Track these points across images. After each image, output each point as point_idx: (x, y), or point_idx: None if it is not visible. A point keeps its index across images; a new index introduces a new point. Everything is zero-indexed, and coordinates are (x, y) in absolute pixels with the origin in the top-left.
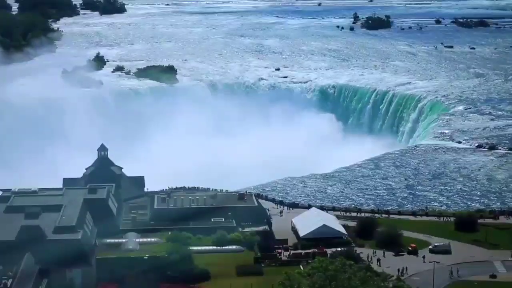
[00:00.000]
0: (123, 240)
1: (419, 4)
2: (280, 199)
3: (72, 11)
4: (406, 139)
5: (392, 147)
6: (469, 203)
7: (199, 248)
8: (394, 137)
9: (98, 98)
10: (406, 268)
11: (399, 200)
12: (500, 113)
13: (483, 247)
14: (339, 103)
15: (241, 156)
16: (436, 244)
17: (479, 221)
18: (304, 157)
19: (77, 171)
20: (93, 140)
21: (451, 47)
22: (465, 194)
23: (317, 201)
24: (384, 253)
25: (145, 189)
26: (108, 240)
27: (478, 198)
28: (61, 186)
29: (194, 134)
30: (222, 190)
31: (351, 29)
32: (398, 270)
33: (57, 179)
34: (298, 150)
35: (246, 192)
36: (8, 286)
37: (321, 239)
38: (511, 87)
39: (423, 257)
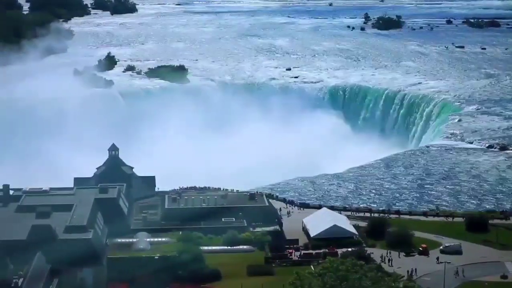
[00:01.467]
0: (134, 240)
1: (430, 4)
2: (291, 199)
3: (83, 11)
4: (417, 140)
5: (403, 147)
6: (480, 203)
7: (210, 248)
8: (405, 138)
9: (109, 98)
10: (416, 269)
11: (410, 200)
12: (511, 113)
13: (494, 248)
14: (350, 103)
15: (252, 156)
16: (447, 245)
17: (490, 221)
18: (315, 157)
19: (88, 171)
20: (104, 139)
21: (462, 47)
22: (476, 194)
23: (328, 201)
24: (399, 254)
25: (156, 189)
26: (119, 240)
27: (489, 198)
28: (72, 186)
29: (205, 134)
30: (233, 190)
31: (362, 29)
32: (408, 272)
33: (68, 179)
34: (309, 150)
35: (257, 192)
36: (19, 285)
37: (332, 239)
38: None
39: (437, 258)
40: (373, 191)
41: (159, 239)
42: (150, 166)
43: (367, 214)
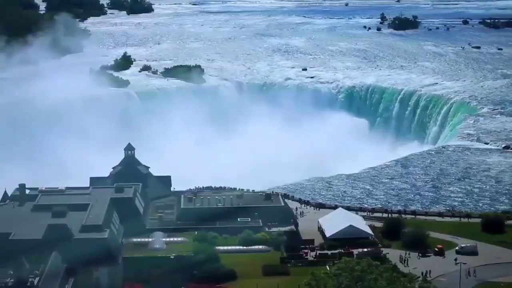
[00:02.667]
0: (150, 240)
1: (446, 4)
2: (307, 199)
3: (99, 11)
4: (433, 140)
5: (419, 148)
6: (496, 204)
7: (225, 248)
8: (421, 138)
9: (125, 98)
10: (430, 271)
11: (425, 200)
12: None
13: (510, 249)
14: (366, 103)
15: (267, 156)
16: (462, 245)
17: (506, 222)
18: (331, 157)
19: (104, 170)
20: (120, 139)
21: (479, 47)
22: (492, 195)
23: (344, 201)
24: (419, 255)
25: (172, 189)
26: (135, 239)
27: (505, 199)
28: (88, 185)
29: (221, 134)
30: (249, 190)
31: (378, 29)
32: (422, 273)
33: (84, 178)
34: (324, 150)
35: (272, 192)
36: (35, 284)
37: (348, 239)
38: None
39: (455, 259)
40: (389, 191)
41: (175, 239)
42: (166, 166)
43: (383, 215)
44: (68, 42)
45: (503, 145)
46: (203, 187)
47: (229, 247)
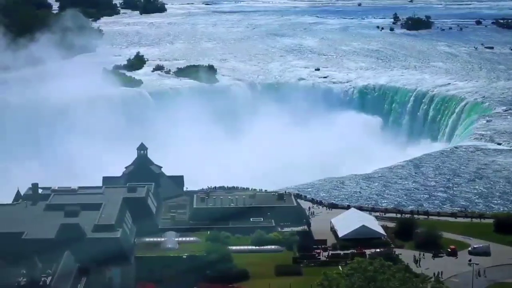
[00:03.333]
0: (162, 239)
1: (459, 4)
2: (319, 199)
3: (112, 10)
4: (446, 140)
5: (432, 148)
6: (508, 204)
7: (238, 247)
8: (434, 138)
9: (138, 97)
10: (441, 272)
11: (438, 201)
12: None
13: None
14: (378, 103)
15: (280, 156)
16: (475, 246)
17: None
18: (343, 158)
19: (117, 170)
20: (132, 139)
21: (492, 48)
22: (505, 195)
23: (356, 201)
24: (433, 255)
25: (184, 188)
26: (147, 239)
27: None
28: (101, 185)
29: (234, 134)
30: (261, 189)
31: (391, 29)
32: (434, 274)
33: (97, 178)
34: (337, 150)
35: (285, 192)
36: (48, 284)
37: (360, 239)
38: None
39: (469, 260)
40: (402, 191)
41: (187, 239)
42: (178, 166)
43: (396, 215)
44: (80, 42)
45: None
46: (215, 187)
47: (242, 247)
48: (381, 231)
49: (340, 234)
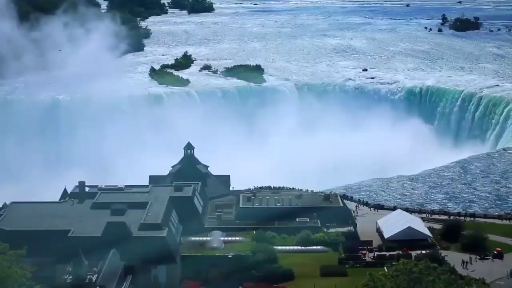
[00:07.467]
0: (208, 239)
1: (508, 5)
2: (365, 200)
3: (160, 10)
4: (494, 142)
5: (479, 150)
6: None
7: (283, 248)
8: (482, 140)
9: (185, 97)
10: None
11: (485, 203)
12: None
13: None
14: (426, 104)
15: (327, 156)
16: None
17: None
18: (390, 158)
19: (164, 169)
20: (179, 138)
21: None
22: None
23: (403, 202)
24: (481, 257)
25: (231, 188)
26: (193, 238)
27: None
28: (147, 184)
29: (280, 134)
30: (308, 190)
31: (439, 30)
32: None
33: (144, 177)
34: (384, 151)
35: (331, 192)
36: (94, 281)
37: (406, 241)
38: None
39: None
40: (448, 193)
41: (233, 238)
42: (225, 165)
43: (442, 217)
44: (129, 41)
45: None
46: (261, 186)
47: (287, 247)
48: (427, 232)
49: (386, 235)
